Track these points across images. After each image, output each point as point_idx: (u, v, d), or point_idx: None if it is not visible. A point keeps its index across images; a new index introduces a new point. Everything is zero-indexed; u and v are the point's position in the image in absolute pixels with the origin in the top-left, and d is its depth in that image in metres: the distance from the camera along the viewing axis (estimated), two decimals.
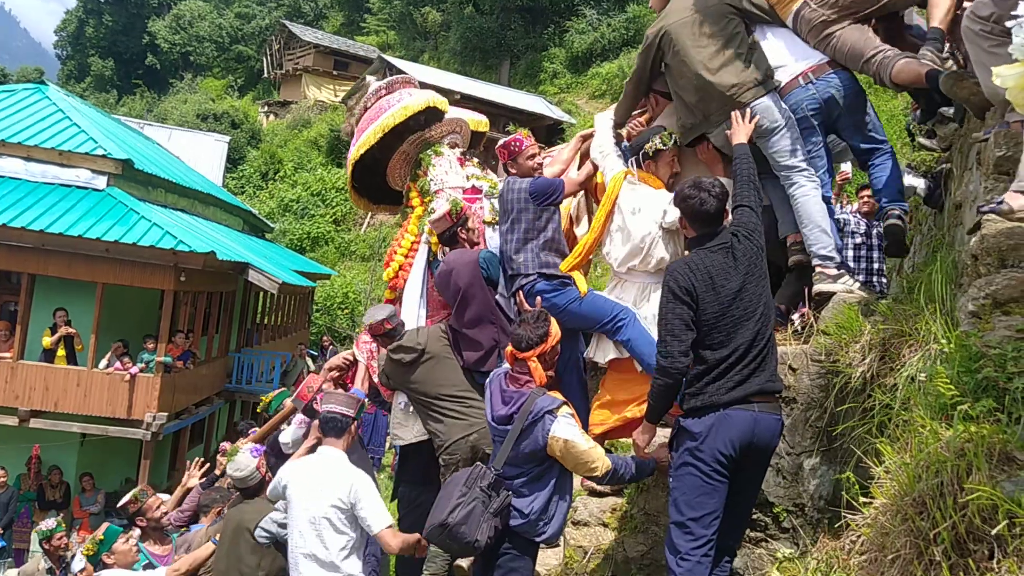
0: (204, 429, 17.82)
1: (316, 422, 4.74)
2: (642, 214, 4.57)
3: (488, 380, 4.22)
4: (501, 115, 32.99)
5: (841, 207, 7.28)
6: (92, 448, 14.94)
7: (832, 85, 4.51)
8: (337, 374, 5.53)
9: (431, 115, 5.84)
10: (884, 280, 6.97)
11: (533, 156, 5.15)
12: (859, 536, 2.86)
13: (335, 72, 46.24)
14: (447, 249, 5.28)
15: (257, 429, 12.21)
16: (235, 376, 18.20)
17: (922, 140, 5.88)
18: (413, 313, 5.38)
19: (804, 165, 4.50)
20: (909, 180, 5.26)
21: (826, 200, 4.57)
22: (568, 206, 5.51)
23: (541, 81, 36.86)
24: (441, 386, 4.85)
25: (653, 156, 4.77)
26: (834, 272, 4.41)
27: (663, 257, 4.51)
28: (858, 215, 7.23)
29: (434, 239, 5.42)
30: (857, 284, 4.46)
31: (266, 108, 48.64)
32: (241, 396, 18.57)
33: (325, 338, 23.18)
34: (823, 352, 4.04)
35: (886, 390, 3.48)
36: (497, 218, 5.31)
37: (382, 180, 6.08)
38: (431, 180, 5.71)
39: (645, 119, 5.27)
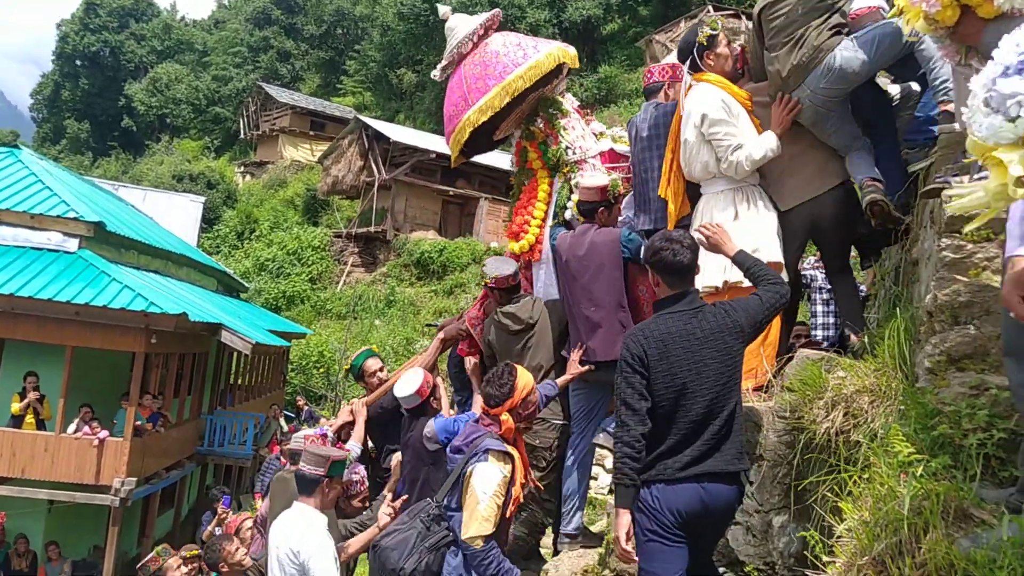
0: (175, 493, 17.47)
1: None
2: (687, 119, 4.57)
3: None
4: (476, 173, 33.36)
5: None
6: (60, 515, 14.61)
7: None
8: (452, 343, 5.70)
9: (555, 70, 5.48)
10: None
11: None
12: None
13: (311, 132, 46.72)
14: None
15: (229, 496, 12.03)
16: (207, 438, 17.93)
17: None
18: (542, 289, 5.38)
19: None
20: None
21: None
22: None
23: None
24: (533, 366, 4.87)
25: (709, 45, 4.59)
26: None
27: (706, 161, 4.50)
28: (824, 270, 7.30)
29: (572, 203, 5.27)
30: None
31: (242, 168, 48.94)
32: (213, 459, 18.29)
33: (299, 399, 22.96)
34: (788, 409, 4.04)
35: (850, 446, 3.49)
36: None
37: (484, 134, 5.65)
38: (567, 148, 5.42)
39: None
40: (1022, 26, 2.25)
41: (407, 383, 5.03)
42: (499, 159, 32.85)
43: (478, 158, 31.87)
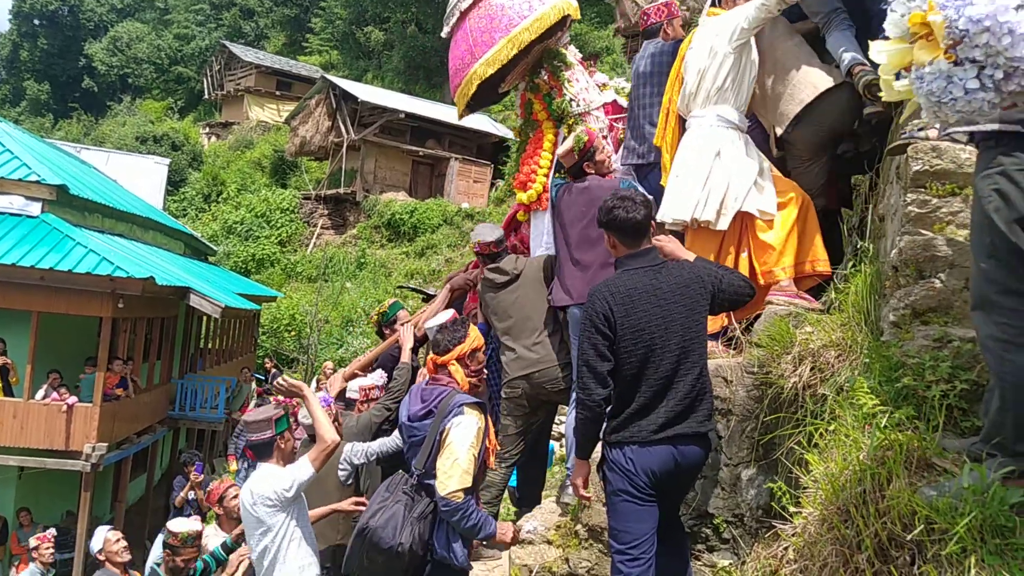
0: (147, 458, 17.42)
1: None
2: (699, 42, 4.49)
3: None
4: (446, 133, 33.10)
5: None
6: (31, 481, 14.53)
7: None
8: (459, 293, 5.83)
9: (559, 22, 5.47)
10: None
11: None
12: (789, 546, 2.91)
13: (278, 92, 45.99)
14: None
15: (202, 462, 12.00)
16: (178, 403, 17.84)
17: None
18: (541, 238, 5.43)
19: None
20: None
21: None
22: None
23: None
24: (517, 317, 5.02)
25: None
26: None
27: (716, 85, 4.43)
28: None
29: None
30: None
31: (207, 129, 48.16)
32: (185, 423, 18.21)
33: (268, 361, 22.87)
34: (756, 364, 4.09)
35: (817, 400, 3.54)
36: None
37: (490, 86, 5.62)
38: (571, 100, 5.42)
39: None
40: None
41: (441, 316, 5.26)
42: (469, 119, 32.59)
43: (446, 117, 31.25)
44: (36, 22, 65.73)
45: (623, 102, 5.63)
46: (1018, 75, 2.14)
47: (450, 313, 5.33)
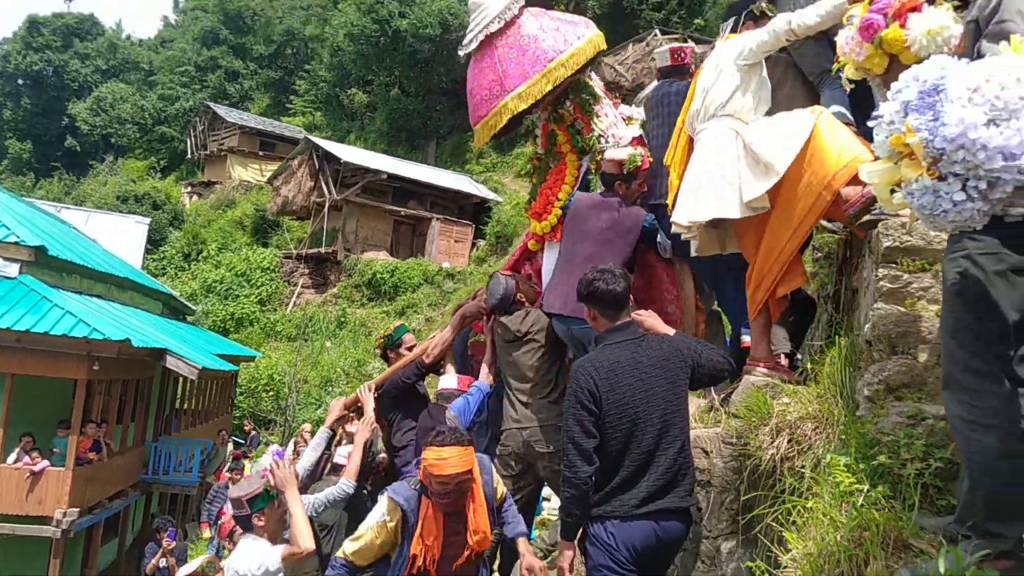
0: (119, 523, 17.04)
1: None
2: (709, 63, 4.41)
3: None
4: (428, 194, 33.35)
5: None
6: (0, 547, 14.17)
7: None
8: (471, 320, 5.67)
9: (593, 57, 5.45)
10: (799, 358, 7.10)
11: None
12: None
13: (261, 152, 46.25)
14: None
15: (175, 528, 11.74)
16: (151, 466, 17.53)
17: None
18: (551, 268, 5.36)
19: None
20: None
21: None
22: None
23: (467, 160, 37.40)
24: (517, 374, 4.95)
25: (756, 18, 4.57)
26: None
27: (719, 101, 4.27)
28: None
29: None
30: None
31: (189, 188, 48.23)
32: (158, 487, 17.88)
33: (246, 422, 22.57)
34: (734, 435, 4.08)
35: (795, 473, 3.54)
36: None
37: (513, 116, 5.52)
38: (599, 136, 5.38)
39: None
40: (925, 63, 2.39)
41: (452, 378, 5.36)
42: (450, 180, 32.87)
43: (428, 178, 31.38)
44: (20, 82, 66.00)
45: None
46: (1002, 184, 2.23)
47: (456, 379, 5.32)
